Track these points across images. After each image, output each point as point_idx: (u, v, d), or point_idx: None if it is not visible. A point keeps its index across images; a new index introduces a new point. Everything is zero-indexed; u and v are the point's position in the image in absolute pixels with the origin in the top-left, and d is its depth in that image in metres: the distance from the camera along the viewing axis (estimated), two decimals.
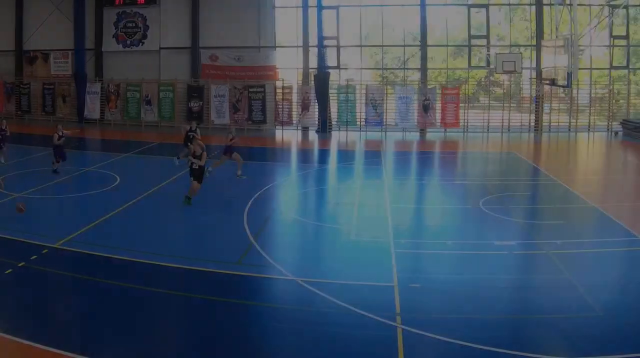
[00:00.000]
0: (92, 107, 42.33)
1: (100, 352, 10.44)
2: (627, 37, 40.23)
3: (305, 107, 40.40)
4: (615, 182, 26.08)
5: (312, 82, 40.04)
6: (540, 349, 10.64)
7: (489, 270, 14.80)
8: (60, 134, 24.30)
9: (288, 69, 42.04)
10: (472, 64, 42.00)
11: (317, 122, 40.17)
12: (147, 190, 22.22)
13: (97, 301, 12.59)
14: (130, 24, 42.40)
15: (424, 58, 40.47)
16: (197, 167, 19.93)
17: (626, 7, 38.52)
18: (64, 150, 24.65)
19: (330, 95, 40.15)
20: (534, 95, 40.35)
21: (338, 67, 40.96)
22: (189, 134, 25.98)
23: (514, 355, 10.38)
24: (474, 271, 14.73)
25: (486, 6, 40.35)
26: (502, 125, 39.60)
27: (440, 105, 39.61)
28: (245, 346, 10.89)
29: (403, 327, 11.42)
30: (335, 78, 40.76)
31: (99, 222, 18.03)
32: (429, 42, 40.99)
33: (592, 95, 40.30)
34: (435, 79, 42.98)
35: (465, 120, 39.81)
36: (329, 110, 40.22)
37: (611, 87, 40.58)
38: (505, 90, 41.53)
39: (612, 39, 40.16)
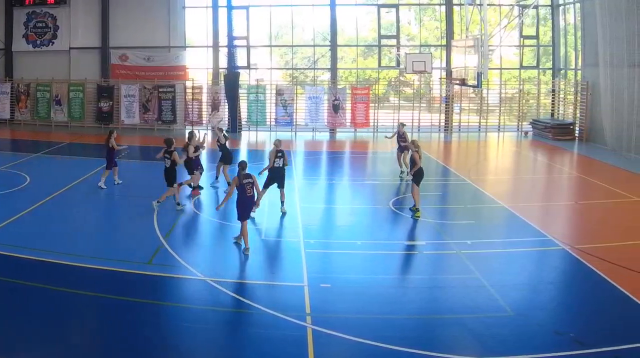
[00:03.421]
0: (2, 107, 41.74)
1: (7, 353, 10.33)
2: (537, 37, 40.78)
3: (215, 107, 40.18)
4: (525, 182, 26.23)
5: (222, 82, 39.83)
6: (450, 349, 10.75)
7: (400, 270, 14.98)
8: (200, 145, 22.53)
9: (198, 69, 41.76)
10: (382, 64, 42.09)
11: (227, 122, 39.68)
12: (57, 190, 21.97)
13: (4, 301, 12.43)
14: (40, 24, 41.91)
15: (333, 58, 40.44)
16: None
17: (536, 7, 38.92)
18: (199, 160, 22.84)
19: (240, 95, 39.99)
20: (444, 95, 40.58)
21: (248, 67, 40.77)
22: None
23: (425, 355, 10.44)
24: (385, 271, 14.81)
25: (396, 6, 40.49)
26: (412, 125, 39.57)
27: (350, 105, 39.61)
28: (156, 347, 10.81)
29: (313, 327, 11.45)
30: (245, 78, 40.64)
31: (9, 222, 17.73)
32: (339, 42, 41.09)
33: (502, 95, 40.62)
34: (346, 79, 42.98)
35: (376, 120, 39.82)
36: (239, 110, 39.99)
37: (521, 87, 41.01)
38: (415, 90, 41.73)
39: (522, 39, 40.67)
